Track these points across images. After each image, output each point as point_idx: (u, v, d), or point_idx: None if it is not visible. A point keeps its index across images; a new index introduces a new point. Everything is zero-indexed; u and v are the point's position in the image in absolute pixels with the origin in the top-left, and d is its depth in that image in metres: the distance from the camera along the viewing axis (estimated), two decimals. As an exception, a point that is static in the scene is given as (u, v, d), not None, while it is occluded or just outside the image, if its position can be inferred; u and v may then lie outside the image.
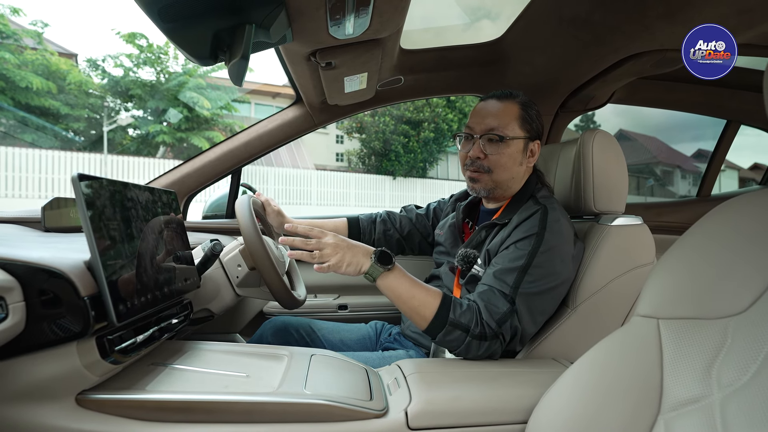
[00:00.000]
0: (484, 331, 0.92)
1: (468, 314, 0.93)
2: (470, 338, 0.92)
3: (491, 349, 0.95)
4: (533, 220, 1.04)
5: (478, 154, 1.12)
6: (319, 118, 1.66)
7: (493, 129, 1.10)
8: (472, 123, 1.14)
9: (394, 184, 16.71)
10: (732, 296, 0.58)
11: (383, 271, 0.94)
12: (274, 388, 0.76)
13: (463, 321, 0.92)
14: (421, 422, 0.75)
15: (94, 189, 0.68)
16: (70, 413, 0.66)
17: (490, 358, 0.97)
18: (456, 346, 0.94)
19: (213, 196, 1.82)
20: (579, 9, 1.12)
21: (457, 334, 0.92)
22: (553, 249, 1.00)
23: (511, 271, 0.98)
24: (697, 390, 0.56)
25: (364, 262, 0.95)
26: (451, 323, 0.92)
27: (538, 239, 1.00)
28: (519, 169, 1.14)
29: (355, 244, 0.97)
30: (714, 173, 2.28)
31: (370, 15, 0.92)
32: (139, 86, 12.98)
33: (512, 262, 0.99)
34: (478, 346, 0.93)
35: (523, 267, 0.98)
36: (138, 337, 0.74)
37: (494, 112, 1.12)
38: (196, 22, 0.78)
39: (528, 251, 0.99)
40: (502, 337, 0.94)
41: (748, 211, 0.63)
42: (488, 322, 0.93)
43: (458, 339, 0.92)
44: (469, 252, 1.11)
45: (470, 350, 0.94)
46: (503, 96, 1.14)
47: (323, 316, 1.64)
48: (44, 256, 0.64)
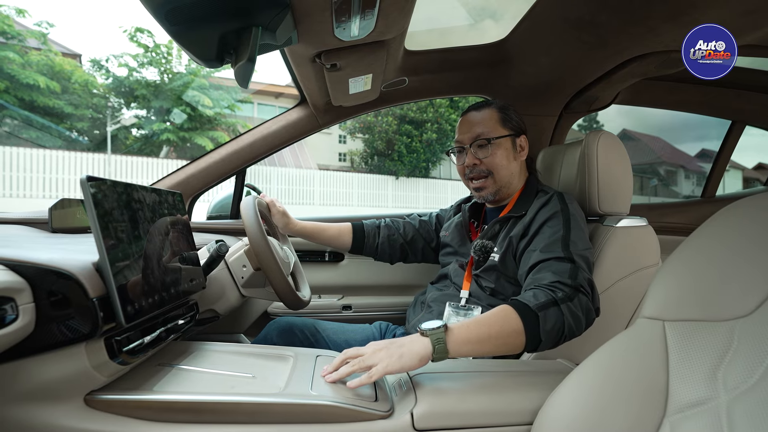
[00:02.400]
0: (565, 290, 0.89)
1: (541, 293, 0.89)
2: (563, 306, 0.86)
3: (583, 305, 0.90)
4: (553, 203, 1.11)
5: (473, 161, 1.20)
6: (323, 119, 1.67)
7: (479, 135, 1.19)
8: (460, 136, 1.23)
9: (397, 183, 16.71)
10: (737, 299, 0.58)
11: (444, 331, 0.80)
12: (280, 389, 0.76)
13: (542, 300, 0.86)
14: (426, 423, 0.75)
15: (102, 191, 0.69)
16: (78, 413, 0.67)
17: (589, 320, 0.91)
18: (560, 326, 0.86)
19: (217, 197, 1.83)
20: (584, 11, 1.12)
21: (551, 313, 0.86)
22: (580, 221, 1.07)
23: (555, 242, 1.01)
24: (704, 392, 0.56)
25: (417, 341, 0.80)
26: (537, 308, 0.85)
27: (565, 213, 1.07)
28: (514, 165, 1.21)
29: (393, 339, 0.82)
30: (719, 174, 2.28)
31: (376, 17, 0.92)
32: (144, 86, 13.03)
33: (552, 236, 1.02)
34: (573, 307, 0.88)
35: (563, 236, 1.01)
36: (145, 338, 0.75)
37: (477, 121, 1.21)
38: (202, 25, 0.78)
39: (561, 223, 1.04)
40: (583, 289, 0.91)
41: (752, 215, 0.63)
42: (562, 281, 0.91)
43: (555, 315, 0.86)
44: (485, 242, 1.15)
45: (575, 317, 0.88)
46: (480, 106, 1.24)
47: (327, 317, 1.64)
48: (53, 257, 0.65)
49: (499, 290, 1.12)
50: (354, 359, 0.80)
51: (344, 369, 0.79)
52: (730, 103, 1.99)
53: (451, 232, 1.34)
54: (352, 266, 1.84)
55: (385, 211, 15.30)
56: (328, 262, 1.83)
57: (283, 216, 1.33)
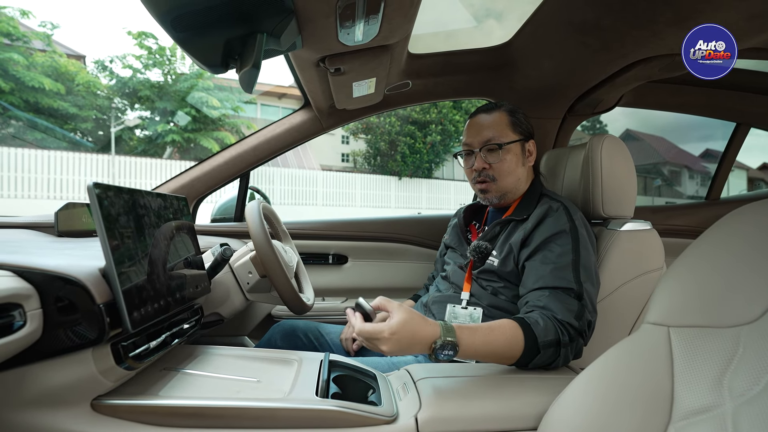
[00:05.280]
0: (570, 332, 0.90)
1: (551, 327, 0.89)
2: (563, 349, 0.89)
3: (578, 348, 0.93)
4: (559, 216, 1.06)
5: (482, 165, 1.18)
6: (327, 122, 1.67)
7: (490, 140, 1.16)
8: (469, 139, 1.20)
9: (400, 184, 16.69)
10: (742, 306, 0.58)
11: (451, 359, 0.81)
12: (284, 394, 0.76)
13: (551, 338, 0.88)
14: (431, 428, 0.75)
15: (108, 197, 0.69)
16: (85, 418, 0.67)
17: (576, 357, 0.95)
18: (550, 362, 0.91)
19: (221, 200, 1.84)
20: (588, 14, 1.12)
21: (549, 353, 0.89)
22: (588, 243, 1.04)
23: (565, 267, 0.98)
24: (709, 399, 0.56)
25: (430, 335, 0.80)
26: (543, 346, 0.87)
27: (574, 233, 1.03)
28: (522, 170, 1.19)
29: (412, 341, 0.79)
30: (723, 176, 2.26)
31: (380, 22, 0.92)
32: (148, 88, 13.08)
33: (561, 258, 0.99)
34: (569, 350, 0.91)
35: (574, 261, 0.99)
36: (151, 342, 0.75)
37: (486, 124, 1.18)
38: (208, 31, 0.79)
39: (571, 246, 1.01)
40: (584, 333, 0.93)
41: (756, 221, 0.63)
42: (569, 322, 0.91)
43: (552, 356, 0.89)
44: (481, 244, 1.14)
45: (565, 358, 0.91)
46: (489, 108, 1.21)
47: (331, 320, 1.64)
48: (60, 263, 0.65)
49: (500, 291, 1.12)
50: (368, 339, 0.79)
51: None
52: (734, 105, 1.98)
53: (450, 235, 1.35)
54: (356, 269, 1.84)
55: (388, 212, 15.29)
56: (332, 265, 1.83)
57: None
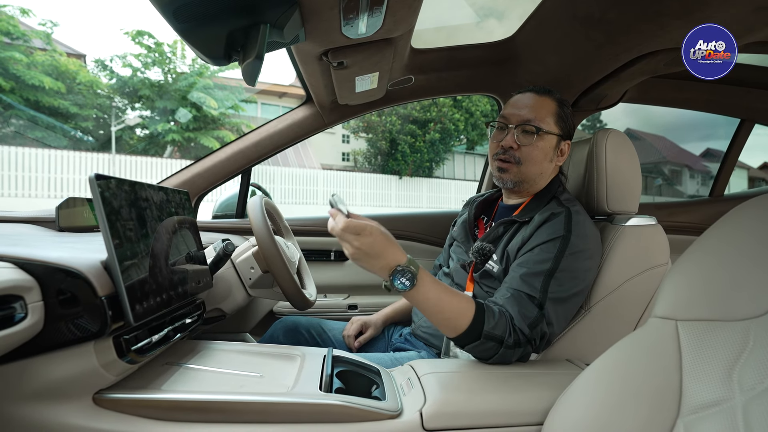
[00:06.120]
0: (518, 338, 0.89)
1: (502, 324, 0.88)
2: (504, 348, 0.88)
3: (523, 354, 0.92)
4: (557, 222, 1.02)
5: (511, 143, 1.10)
6: (329, 117, 1.66)
7: (529, 120, 1.09)
8: (508, 113, 1.13)
9: (401, 183, 16.69)
10: (749, 300, 0.57)
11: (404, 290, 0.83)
12: (288, 388, 0.76)
13: (497, 332, 0.87)
14: (436, 423, 0.74)
15: (110, 189, 0.69)
16: (87, 412, 0.67)
17: (519, 361, 0.94)
18: (488, 356, 0.90)
19: (223, 196, 1.83)
20: (593, 7, 1.11)
21: (489, 345, 0.88)
22: (580, 253, 0.98)
23: (537, 274, 0.95)
24: (719, 393, 0.55)
25: (381, 274, 0.83)
26: (485, 336, 0.87)
27: (564, 242, 0.98)
28: (548, 166, 1.13)
29: (381, 253, 0.82)
30: (727, 173, 2.26)
31: (383, 14, 0.91)
32: (148, 87, 13.07)
33: (538, 264, 0.97)
34: (512, 353, 0.90)
35: (549, 270, 0.95)
36: (153, 336, 0.74)
37: (531, 104, 1.11)
38: (210, 22, 0.78)
39: (554, 254, 0.97)
40: (533, 342, 0.92)
41: (760, 216, 0.62)
42: (521, 328, 0.90)
43: (491, 349, 0.88)
44: (484, 245, 1.10)
45: (505, 358, 0.90)
46: (541, 91, 1.13)
47: (333, 316, 1.64)
48: (62, 256, 0.64)
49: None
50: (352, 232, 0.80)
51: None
52: (738, 101, 1.97)
53: (457, 228, 1.30)
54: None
55: (389, 210, 15.29)
56: (334, 262, 1.83)
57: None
